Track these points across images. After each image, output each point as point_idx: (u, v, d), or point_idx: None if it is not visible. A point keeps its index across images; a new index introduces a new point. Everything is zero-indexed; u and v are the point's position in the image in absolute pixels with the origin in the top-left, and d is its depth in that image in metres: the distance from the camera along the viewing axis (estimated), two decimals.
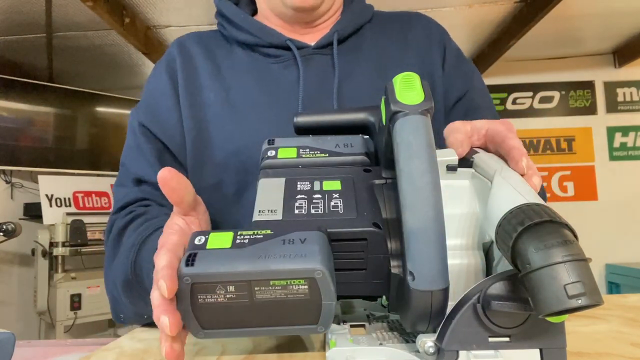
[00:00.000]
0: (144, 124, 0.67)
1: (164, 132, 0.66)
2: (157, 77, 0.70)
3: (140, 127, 0.67)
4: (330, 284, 0.31)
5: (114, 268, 0.56)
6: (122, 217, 0.61)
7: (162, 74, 0.69)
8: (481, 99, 0.72)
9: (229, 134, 0.65)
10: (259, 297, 0.32)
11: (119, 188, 0.66)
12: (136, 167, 0.65)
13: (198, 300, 0.32)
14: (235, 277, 0.31)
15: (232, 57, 0.70)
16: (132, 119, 0.69)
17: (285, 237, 0.33)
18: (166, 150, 0.66)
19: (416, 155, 0.32)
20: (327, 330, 0.34)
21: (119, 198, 0.65)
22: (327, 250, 0.32)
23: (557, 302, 0.26)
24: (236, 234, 0.33)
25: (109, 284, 0.58)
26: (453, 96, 0.70)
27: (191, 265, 0.31)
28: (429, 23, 0.75)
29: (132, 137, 0.68)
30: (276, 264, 0.31)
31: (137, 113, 0.69)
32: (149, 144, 0.66)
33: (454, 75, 0.71)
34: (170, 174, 0.37)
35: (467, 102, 0.70)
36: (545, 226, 0.28)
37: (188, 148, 0.66)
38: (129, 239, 0.55)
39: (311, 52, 0.68)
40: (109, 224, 0.62)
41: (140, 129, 0.67)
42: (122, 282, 0.53)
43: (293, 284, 0.31)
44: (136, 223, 0.58)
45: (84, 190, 2.86)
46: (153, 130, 0.67)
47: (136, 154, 0.66)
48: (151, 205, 0.63)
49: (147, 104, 0.69)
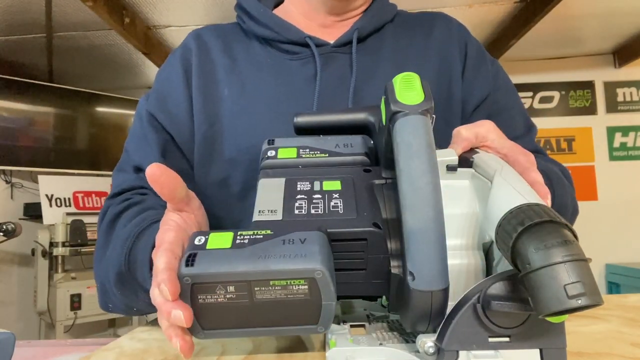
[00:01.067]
0: (152, 113, 0.66)
1: (171, 123, 0.66)
2: (170, 67, 0.70)
3: (148, 115, 0.67)
4: (330, 284, 0.31)
5: (108, 258, 0.55)
6: (117, 203, 0.60)
7: (176, 65, 0.69)
8: (506, 100, 0.70)
9: (241, 129, 0.64)
10: (259, 297, 0.32)
11: (118, 173, 0.66)
12: (138, 155, 0.65)
13: (198, 301, 0.32)
14: (235, 277, 0.31)
15: (250, 52, 0.70)
16: (140, 107, 0.69)
17: (285, 237, 0.33)
18: (172, 142, 0.66)
19: (416, 156, 0.32)
20: (327, 331, 0.34)
21: (117, 183, 0.64)
22: (327, 251, 0.32)
23: (557, 302, 0.26)
24: (236, 234, 0.33)
25: (100, 272, 0.57)
26: (475, 99, 0.68)
27: (191, 266, 0.31)
28: (450, 24, 0.74)
29: (138, 124, 0.67)
30: (276, 264, 0.31)
31: (147, 101, 0.68)
32: (155, 134, 0.65)
33: (476, 77, 0.69)
34: (159, 169, 0.37)
35: (490, 104, 0.68)
36: (545, 226, 0.28)
37: (197, 142, 0.65)
38: (124, 230, 0.54)
39: (330, 50, 0.67)
40: (104, 208, 0.61)
41: (148, 118, 0.66)
42: (115, 274, 0.52)
43: (293, 284, 0.31)
44: (131, 211, 0.57)
45: (84, 190, 2.86)
46: (161, 120, 0.66)
47: (140, 143, 0.66)
48: (148, 194, 0.62)
49: (157, 94, 0.69)
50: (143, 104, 0.69)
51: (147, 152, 0.64)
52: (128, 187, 0.63)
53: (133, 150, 0.66)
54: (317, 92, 0.64)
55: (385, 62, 0.68)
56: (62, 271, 2.58)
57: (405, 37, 0.72)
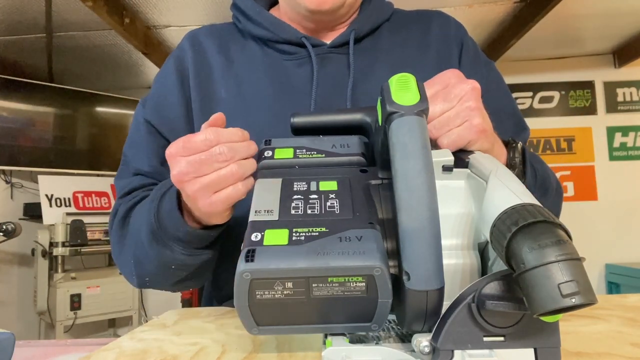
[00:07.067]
0: (148, 120, 0.68)
1: (168, 129, 0.67)
2: (166, 72, 0.71)
3: (145, 122, 0.68)
4: (388, 282, 0.31)
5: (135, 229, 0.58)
6: (127, 201, 0.62)
7: (171, 69, 0.70)
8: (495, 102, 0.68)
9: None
10: (315, 293, 0.32)
11: (120, 180, 0.67)
12: (137, 161, 0.67)
13: (256, 297, 0.32)
14: (294, 274, 0.31)
15: (246, 52, 0.70)
16: (137, 113, 0.70)
17: (342, 235, 0.33)
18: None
19: (411, 156, 0.32)
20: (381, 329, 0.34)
21: (122, 187, 0.66)
22: (383, 249, 0.33)
23: (552, 301, 0.26)
24: (291, 230, 0.34)
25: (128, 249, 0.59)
26: None
27: (251, 261, 0.31)
28: (448, 22, 0.74)
29: (135, 131, 0.69)
30: (335, 260, 0.31)
31: (144, 108, 0.69)
32: (152, 140, 0.66)
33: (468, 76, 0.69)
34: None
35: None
36: (539, 226, 0.28)
37: None
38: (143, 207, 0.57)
39: (326, 51, 0.67)
40: (114, 209, 0.64)
41: (145, 125, 0.68)
42: (147, 233, 0.54)
43: (351, 281, 0.31)
44: (143, 202, 0.59)
45: (83, 190, 2.86)
46: (157, 126, 0.67)
47: (139, 149, 0.67)
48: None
49: (153, 100, 0.70)
50: (140, 110, 0.70)
51: (144, 157, 0.66)
52: (134, 187, 0.64)
53: (132, 155, 0.67)
54: (314, 93, 0.64)
55: (382, 62, 0.68)
56: (62, 271, 2.58)
57: (402, 35, 0.71)
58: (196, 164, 0.43)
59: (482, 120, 0.43)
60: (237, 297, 0.32)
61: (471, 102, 0.43)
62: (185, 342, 0.46)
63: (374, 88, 0.65)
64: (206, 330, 0.51)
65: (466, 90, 0.43)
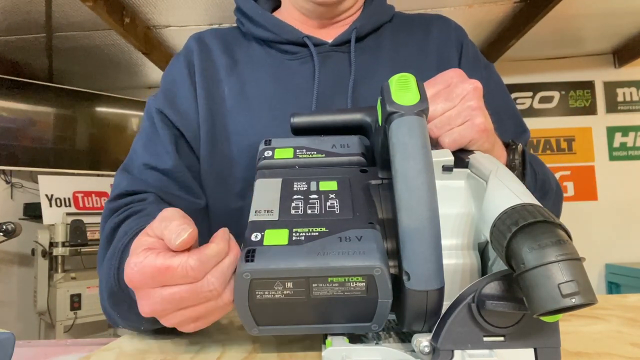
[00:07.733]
0: (161, 110, 0.67)
1: (180, 119, 0.67)
2: (175, 67, 0.71)
3: (158, 113, 0.67)
4: (388, 282, 0.31)
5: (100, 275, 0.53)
6: (118, 215, 0.58)
7: (180, 65, 0.70)
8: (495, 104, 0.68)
9: (242, 127, 0.65)
10: (315, 293, 0.32)
11: (122, 173, 0.65)
12: (148, 153, 0.65)
13: (256, 297, 0.32)
14: (294, 274, 0.31)
15: (249, 53, 0.71)
16: (149, 106, 0.70)
17: (342, 235, 0.33)
18: (182, 137, 0.67)
19: (411, 156, 0.32)
20: (381, 329, 0.35)
21: (120, 183, 0.63)
22: (383, 249, 0.33)
23: (552, 301, 0.26)
24: (291, 230, 0.34)
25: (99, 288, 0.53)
26: None
27: (251, 261, 0.31)
28: (449, 25, 0.74)
29: (148, 123, 0.68)
30: (335, 260, 0.31)
31: (155, 100, 0.69)
32: (167, 130, 0.66)
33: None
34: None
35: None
36: (539, 226, 0.28)
37: (202, 138, 0.66)
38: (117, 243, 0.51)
39: (328, 50, 0.68)
40: (105, 211, 0.60)
41: (158, 115, 0.67)
42: (107, 294, 0.49)
43: (351, 281, 0.31)
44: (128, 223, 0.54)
45: (83, 190, 2.86)
46: (170, 116, 0.67)
47: (151, 140, 0.66)
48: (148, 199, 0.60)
49: (164, 92, 0.70)
50: (151, 103, 0.69)
51: (160, 147, 0.65)
52: (130, 190, 0.62)
53: (142, 148, 0.66)
54: (315, 91, 0.64)
55: (383, 61, 0.69)
56: (62, 271, 2.58)
57: (403, 36, 0.72)
58: (175, 301, 0.35)
59: (484, 120, 0.43)
60: (237, 297, 0.32)
61: (473, 101, 0.43)
62: (185, 342, 0.46)
63: (375, 86, 0.65)
64: (206, 330, 0.51)
65: (468, 90, 0.43)
